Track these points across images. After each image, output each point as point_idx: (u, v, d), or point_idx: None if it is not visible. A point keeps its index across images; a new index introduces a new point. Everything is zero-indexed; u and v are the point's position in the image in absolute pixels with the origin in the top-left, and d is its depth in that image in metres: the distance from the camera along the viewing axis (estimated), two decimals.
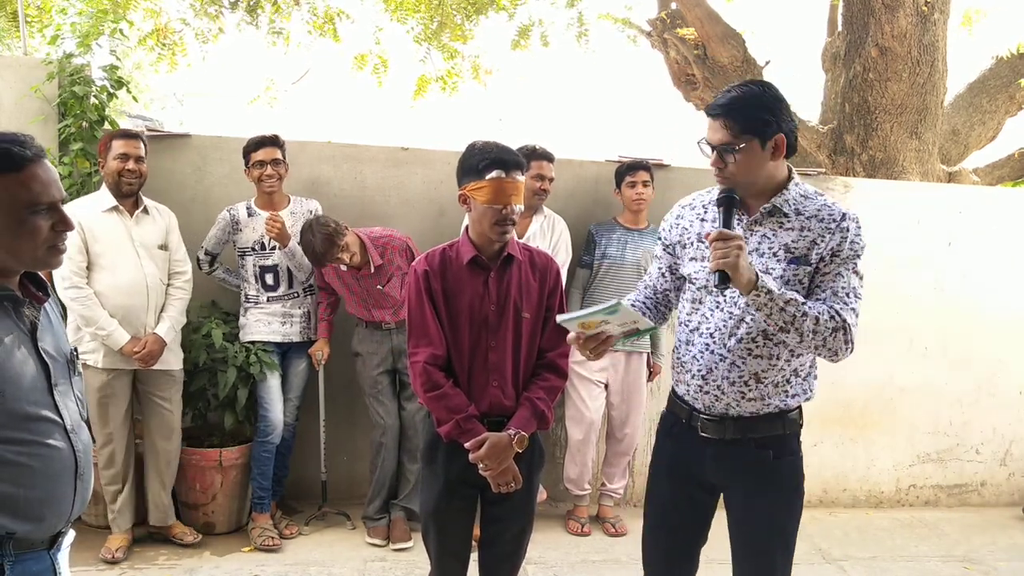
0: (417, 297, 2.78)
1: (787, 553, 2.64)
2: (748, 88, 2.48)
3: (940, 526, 5.29)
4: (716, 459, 2.61)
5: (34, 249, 1.86)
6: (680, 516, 2.72)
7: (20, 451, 1.79)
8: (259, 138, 4.48)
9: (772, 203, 2.49)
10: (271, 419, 4.49)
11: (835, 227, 2.44)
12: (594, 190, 5.16)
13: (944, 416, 5.64)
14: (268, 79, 10.14)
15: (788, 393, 2.56)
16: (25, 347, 1.85)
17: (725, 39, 8.64)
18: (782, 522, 2.62)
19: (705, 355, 2.56)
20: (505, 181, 2.68)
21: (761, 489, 2.59)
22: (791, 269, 2.44)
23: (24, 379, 1.81)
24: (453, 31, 9.57)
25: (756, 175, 2.47)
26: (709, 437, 2.60)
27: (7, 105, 4.67)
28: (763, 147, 2.43)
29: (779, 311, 2.34)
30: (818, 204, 2.49)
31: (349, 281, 4.51)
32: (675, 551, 2.77)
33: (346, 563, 4.31)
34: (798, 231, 2.46)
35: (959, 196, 5.69)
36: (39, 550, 1.87)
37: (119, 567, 4.17)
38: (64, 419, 1.89)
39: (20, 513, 1.80)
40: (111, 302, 4.11)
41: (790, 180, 2.53)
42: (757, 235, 2.50)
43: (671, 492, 2.73)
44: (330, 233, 4.19)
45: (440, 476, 2.82)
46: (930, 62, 6.92)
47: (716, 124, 2.44)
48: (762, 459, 2.57)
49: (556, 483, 5.03)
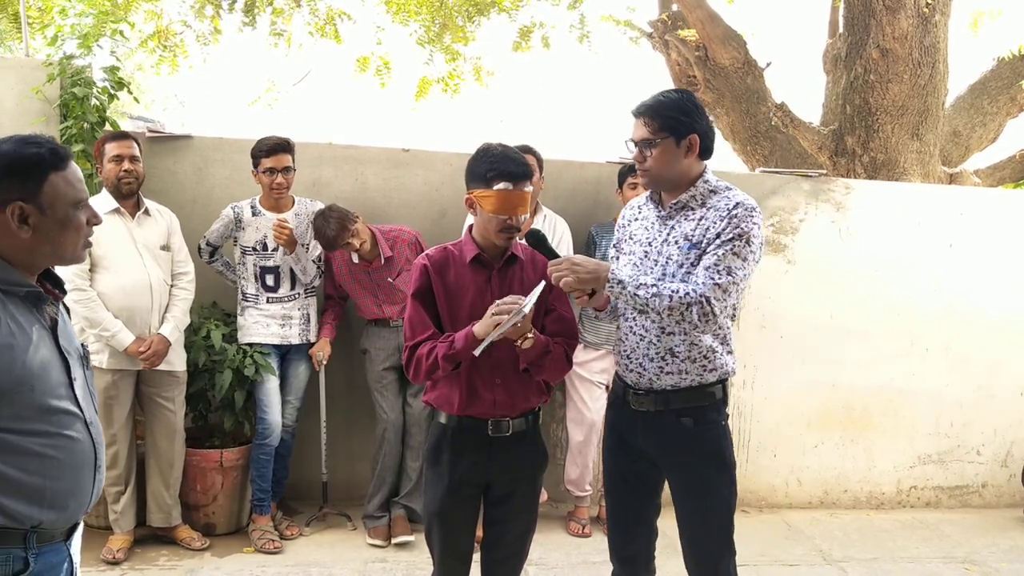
0: (414, 291, 2.80)
1: (723, 514, 2.84)
2: (669, 94, 2.78)
3: (941, 527, 5.28)
4: (646, 429, 2.86)
5: (76, 244, 1.96)
6: (626, 484, 2.96)
7: (46, 443, 1.86)
8: (271, 143, 4.43)
9: (680, 198, 2.77)
10: (269, 421, 4.49)
11: (726, 214, 2.67)
12: (595, 192, 5.16)
13: (945, 417, 5.63)
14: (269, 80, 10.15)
15: (706, 368, 2.78)
16: (48, 342, 1.91)
17: (726, 41, 8.64)
18: (710, 485, 2.82)
19: (630, 336, 2.86)
20: (512, 193, 2.69)
21: (686, 456, 2.82)
22: (684, 253, 2.71)
23: (49, 373, 1.88)
24: (455, 33, 9.58)
25: (671, 170, 2.74)
26: (637, 410, 2.86)
27: (8, 106, 4.67)
28: (678, 144, 2.71)
29: (632, 296, 2.63)
30: (720, 196, 2.74)
31: (361, 276, 4.56)
32: (627, 517, 2.99)
33: (347, 564, 4.31)
34: (697, 220, 2.73)
35: (960, 198, 5.69)
36: (58, 542, 1.94)
37: (120, 568, 4.18)
38: (83, 412, 1.96)
39: (46, 504, 1.86)
40: (115, 303, 4.11)
41: (700, 178, 2.77)
42: (668, 227, 2.79)
43: (616, 463, 2.98)
44: (341, 217, 4.32)
45: (444, 476, 2.82)
46: (931, 64, 6.91)
47: (639, 123, 2.75)
48: (684, 427, 2.80)
49: (557, 484, 5.03)
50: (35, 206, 1.86)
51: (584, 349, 4.67)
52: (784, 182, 5.39)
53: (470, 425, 2.80)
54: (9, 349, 1.80)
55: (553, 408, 5.03)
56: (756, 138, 8.69)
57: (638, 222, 2.92)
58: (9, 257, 1.88)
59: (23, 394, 1.82)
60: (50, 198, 1.88)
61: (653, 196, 2.88)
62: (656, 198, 2.87)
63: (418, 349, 2.74)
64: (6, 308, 1.84)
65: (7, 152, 1.87)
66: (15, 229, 1.86)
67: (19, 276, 1.89)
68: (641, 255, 2.82)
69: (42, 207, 1.87)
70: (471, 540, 2.94)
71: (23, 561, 1.85)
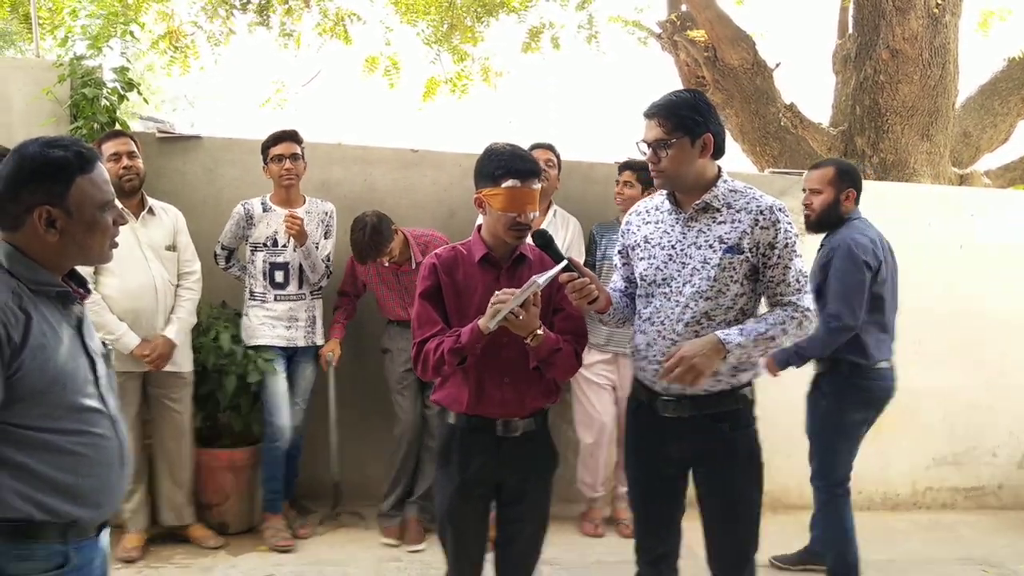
0: (422, 290, 2.80)
1: (753, 519, 2.85)
2: (681, 93, 2.77)
3: (958, 529, 5.25)
4: (678, 436, 2.82)
5: (102, 245, 1.97)
6: (654, 491, 2.95)
7: (78, 441, 1.89)
8: (278, 133, 4.47)
9: (703, 199, 2.74)
10: (278, 424, 4.47)
11: (763, 219, 2.69)
12: (604, 193, 5.14)
13: (960, 419, 5.60)
14: (278, 81, 10.16)
15: (739, 369, 2.77)
16: (76, 341, 1.94)
17: (735, 41, 8.62)
18: (744, 489, 2.83)
19: (659, 341, 2.79)
20: (520, 190, 2.69)
21: (720, 461, 2.82)
22: (727, 258, 2.70)
23: (79, 372, 1.92)
24: (463, 33, 9.58)
25: (687, 170, 2.72)
26: (668, 416, 2.81)
27: (19, 107, 4.68)
28: (692, 144, 2.69)
29: (754, 347, 2.66)
30: (747, 198, 2.74)
31: (389, 279, 4.56)
32: (654, 521, 2.98)
33: (361, 563, 4.32)
34: (729, 223, 2.72)
35: (971, 198, 5.66)
36: (91, 537, 1.97)
37: (135, 566, 4.19)
38: (109, 409, 1.99)
39: (80, 500, 1.90)
40: (120, 306, 4.10)
41: (719, 178, 2.77)
42: (694, 230, 2.77)
43: (643, 471, 2.97)
44: (378, 239, 4.30)
45: (455, 477, 2.82)
46: (941, 64, 6.89)
47: (651, 123, 2.72)
48: (720, 432, 2.79)
49: (569, 484, 5.01)
50: (62, 209, 1.87)
51: (588, 351, 4.65)
52: (794, 183, 5.38)
53: (479, 425, 2.80)
54: (43, 349, 1.83)
55: (563, 408, 5.01)
56: (765, 139, 8.67)
57: (651, 226, 2.88)
58: (38, 259, 1.89)
59: (55, 393, 1.85)
60: (77, 201, 1.89)
61: (669, 198, 2.85)
62: (673, 200, 2.84)
63: (426, 344, 2.74)
64: (38, 309, 1.86)
65: (33, 155, 1.87)
66: (43, 233, 1.87)
67: (49, 277, 1.91)
68: (664, 259, 2.80)
69: (69, 210, 1.88)
70: (484, 540, 2.94)
71: (63, 556, 1.89)
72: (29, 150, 1.88)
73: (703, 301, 2.72)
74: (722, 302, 2.72)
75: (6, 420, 1.80)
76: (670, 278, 2.78)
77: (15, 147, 1.91)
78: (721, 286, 2.71)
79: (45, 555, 1.86)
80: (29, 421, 1.83)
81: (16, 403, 1.80)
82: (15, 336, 1.78)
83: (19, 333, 1.79)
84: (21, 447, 1.82)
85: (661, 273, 2.79)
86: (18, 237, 1.88)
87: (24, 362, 1.79)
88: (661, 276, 2.80)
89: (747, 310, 2.78)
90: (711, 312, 2.72)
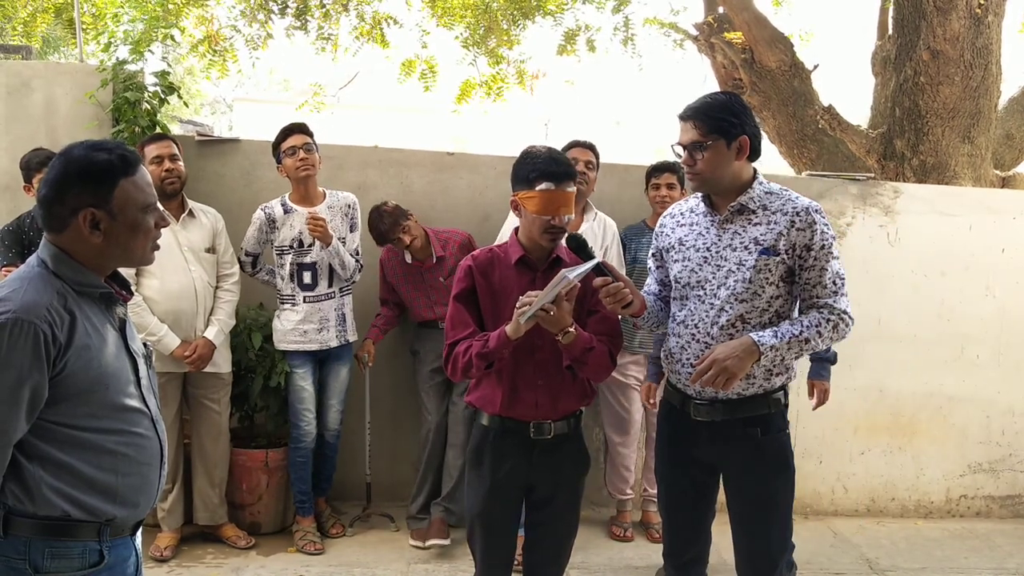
0: (457, 292, 2.82)
1: (783, 524, 2.86)
2: (717, 95, 2.78)
3: (992, 538, 5.17)
4: (710, 440, 2.83)
5: (145, 247, 2.00)
6: (686, 496, 2.95)
7: (119, 441, 1.93)
8: (287, 127, 4.45)
9: (739, 201, 2.75)
10: (302, 428, 4.50)
11: (799, 221, 2.68)
12: (640, 195, 5.13)
13: (996, 426, 5.52)
14: (316, 84, 10.22)
15: (772, 373, 2.77)
16: (118, 342, 1.98)
17: (773, 43, 8.55)
18: (774, 494, 2.82)
19: (692, 345, 2.80)
20: (555, 193, 2.71)
21: (752, 465, 2.81)
22: (762, 259, 2.69)
23: (122, 372, 1.96)
24: (500, 36, 9.60)
25: (723, 173, 2.72)
26: (702, 420, 2.82)
27: (63, 110, 4.78)
28: (728, 146, 2.69)
29: (788, 350, 2.66)
30: (782, 199, 2.74)
31: (413, 277, 4.61)
32: (685, 525, 2.99)
33: (390, 564, 4.35)
34: (765, 225, 2.72)
35: (1013, 201, 5.57)
36: (125, 536, 2.00)
37: (168, 565, 4.25)
38: (150, 409, 2.03)
39: (118, 500, 1.93)
40: (160, 307, 4.16)
41: (755, 180, 2.77)
42: (729, 232, 2.77)
43: (674, 475, 2.96)
44: (395, 212, 4.46)
45: (487, 478, 2.84)
46: (983, 65, 6.79)
47: (687, 126, 2.73)
48: (751, 437, 2.79)
49: (599, 488, 5.01)
50: (106, 212, 1.90)
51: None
52: (831, 185, 5.33)
53: (512, 427, 2.81)
54: (87, 350, 1.87)
55: (594, 411, 5.02)
56: (803, 141, 8.59)
57: (686, 228, 2.89)
58: (82, 260, 1.93)
59: (99, 393, 1.89)
60: (120, 203, 1.91)
61: (704, 201, 2.86)
62: (708, 203, 2.84)
63: (456, 347, 2.76)
64: (82, 310, 1.89)
65: (78, 158, 1.90)
66: (87, 235, 1.90)
67: (93, 278, 1.95)
68: (699, 261, 2.80)
69: (113, 213, 1.91)
70: (513, 542, 2.96)
71: (98, 554, 1.92)
72: (74, 153, 1.91)
73: (738, 304, 2.72)
74: (757, 304, 2.72)
75: (50, 419, 1.84)
76: (705, 280, 2.78)
77: (60, 151, 1.95)
78: (756, 288, 2.71)
79: (81, 553, 1.90)
80: (73, 420, 1.86)
81: (60, 402, 1.84)
82: (60, 336, 1.82)
83: (64, 333, 1.83)
84: (63, 446, 1.86)
85: (696, 276, 2.80)
86: (63, 239, 1.91)
87: (69, 362, 1.83)
88: (696, 279, 2.80)
89: (783, 313, 2.77)
90: (746, 315, 2.73)
